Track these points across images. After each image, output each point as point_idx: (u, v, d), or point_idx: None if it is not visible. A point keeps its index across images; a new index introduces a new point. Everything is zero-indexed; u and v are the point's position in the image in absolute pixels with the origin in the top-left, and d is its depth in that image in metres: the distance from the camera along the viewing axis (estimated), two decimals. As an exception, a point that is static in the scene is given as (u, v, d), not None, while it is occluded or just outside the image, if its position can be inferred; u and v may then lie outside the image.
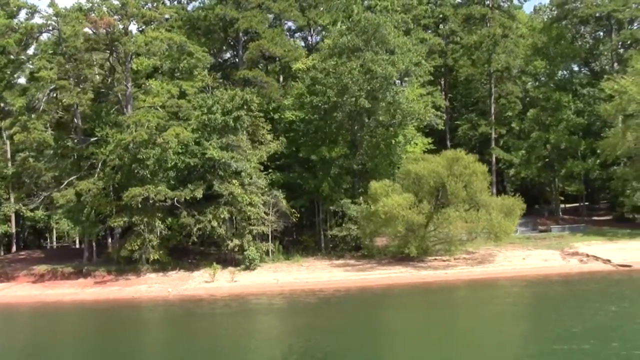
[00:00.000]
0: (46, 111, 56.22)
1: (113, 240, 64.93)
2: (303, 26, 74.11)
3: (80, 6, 58.70)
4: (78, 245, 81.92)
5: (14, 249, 73.05)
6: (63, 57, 56.51)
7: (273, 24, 70.14)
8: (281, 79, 69.72)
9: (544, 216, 76.81)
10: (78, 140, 59.52)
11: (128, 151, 54.71)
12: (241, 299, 45.46)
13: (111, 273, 56.01)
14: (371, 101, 58.54)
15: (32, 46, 60.96)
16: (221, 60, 74.75)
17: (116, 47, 57.96)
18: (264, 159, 58.63)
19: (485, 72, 77.56)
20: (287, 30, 75.89)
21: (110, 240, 66.73)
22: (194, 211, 55.42)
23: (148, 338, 35.14)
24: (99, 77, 61.11)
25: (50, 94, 56.40)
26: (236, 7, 65.46)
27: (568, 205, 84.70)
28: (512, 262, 54.56)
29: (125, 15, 56.61)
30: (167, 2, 74.43)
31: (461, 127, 77.47)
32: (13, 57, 61.14)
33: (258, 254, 56.29)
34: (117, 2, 56.97)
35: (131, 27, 60.70)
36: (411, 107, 60.61)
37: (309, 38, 79.89)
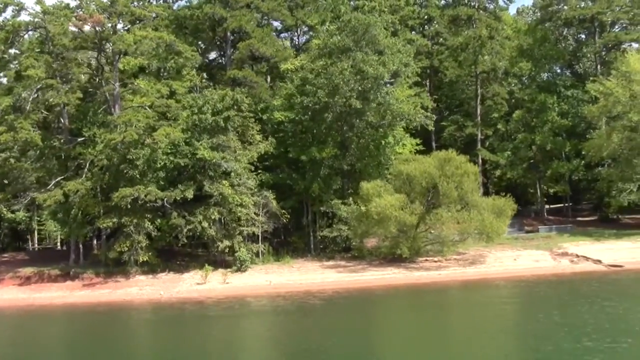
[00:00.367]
0: (33, 111, 55.10)
1: (99, 242, 63.92)
2: (291, 26, 73.70)
3: (67, 4, 57.73)
4: (60, 247, 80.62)
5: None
6: (50, 56, 55.51)
7: (260, 24, 69.56)
8: (268, 80, 69.22)
9: (531, 217, 77.29)
10: (64, 140, 58.51)
11: (117, 151, 53.89)
12: (242, 301, 44.89)
13: (99, 275, 55.01)
14: (362, 102, 58.35)
15: (18, 44, 59.63)
16: (207, 60, 73.94)
17: (104, 46, 57.11)
18: (255, 160, 58.11)
19: (471, 74, 78.00)
20: (274, 30, 75.35)
21: (95, 242, 65.70)
22: (184, 212, 54.78)
23: (157, 342, 33.73)
24: (86, 77, 60.06)
25: (37, 94, 55.23)
26: (224, 6, 64.83)
27: (551, 206, 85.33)
28: (504, 263, 54.81)
29: (114, 13, 55.71)
30: (153, 1, 73.55)
31: (447, 128, 77.65)
32: (-1, 56, 59.85)
33: (249, 256, 55.81)
34: (106, 0, 56.06)
35: (118, 26, 59.81)
36: (401, 108, 60.60)
37: (295, 39, 79.70)
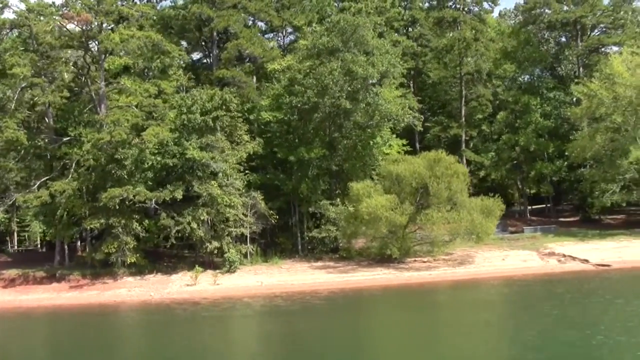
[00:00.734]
0: (18, 109, 54.18)
1: (84, 243, 63.06)
2: (276, 27, 73.42)
3: (53, 2, 56.96)
4: (41, 248, 79.42)
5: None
6: (35, 54, 54.65)
7: (247, 24, 69.21)
8: (254, 80, 68.88)
9: (514, 217, 77.90)
10: (49, 140, 57.63)
11: (104, 151, 53.18)
12: (239, 302, 44.60)
13: (86, 277, 54.23)
14: (351, 102, 58.30)
15: (1, 42, 58.49)
16: (192, 60, 73.41)
17: (90, 45, 56.36)
18: (244, 160, 57.74)
19: (455, 75, 78.47)
20: (259, 31, 74.98)
21: (79, 243, 64.76)
22: (173, 213, 54.23)
23: (159, 344, 33.02)
24: (71, 76, 59.14)
25: (21, 92, 54.29)
26: (211, 7, 64.40)
27: (532, 206, 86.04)
28: (493, 263, 55.13)
29: (100, 11, 54.98)
30: (137, 1, 72.77)
31: (432, 129, 77.95)
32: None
33: (238, 257, 55.42)
34: (93, -1, 55.41)
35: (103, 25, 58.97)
36: (389, 109, 60.65)
37: (279, 39, 79.32)
